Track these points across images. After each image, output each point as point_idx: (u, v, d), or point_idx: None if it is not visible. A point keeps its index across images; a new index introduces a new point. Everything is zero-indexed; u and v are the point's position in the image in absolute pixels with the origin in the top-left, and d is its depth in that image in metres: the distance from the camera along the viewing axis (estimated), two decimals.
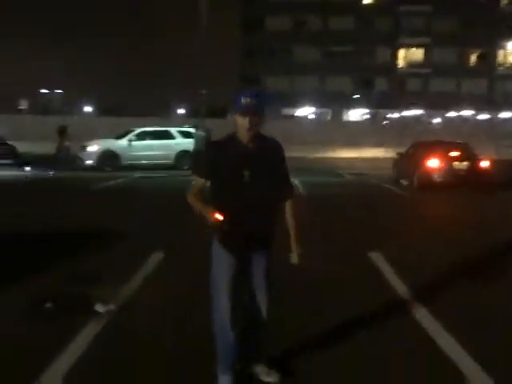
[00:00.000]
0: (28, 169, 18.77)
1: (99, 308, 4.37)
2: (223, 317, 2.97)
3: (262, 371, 3.23)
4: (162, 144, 19.69)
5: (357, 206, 11.19)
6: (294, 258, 3.18)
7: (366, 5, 50.68)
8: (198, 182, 3.00)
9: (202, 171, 3.00)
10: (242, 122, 2.86)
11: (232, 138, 2.96)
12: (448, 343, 3.77)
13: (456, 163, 13.49)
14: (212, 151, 3.03)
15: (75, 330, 3.92)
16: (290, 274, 5.38)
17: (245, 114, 2.85)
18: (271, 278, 3.16)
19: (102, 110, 72.02)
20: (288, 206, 3.20)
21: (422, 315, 4.33)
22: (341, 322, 4.21)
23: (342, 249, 6.89)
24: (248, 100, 2.86)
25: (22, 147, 24.93)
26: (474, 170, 13.43)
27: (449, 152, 13.87)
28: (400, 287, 5.11)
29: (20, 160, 21.05)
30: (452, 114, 51.12)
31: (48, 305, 4.46)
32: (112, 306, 4.42)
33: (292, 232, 3.18)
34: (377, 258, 6.25)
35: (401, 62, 52.59)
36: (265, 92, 3.67)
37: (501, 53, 51.39)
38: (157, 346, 3.74)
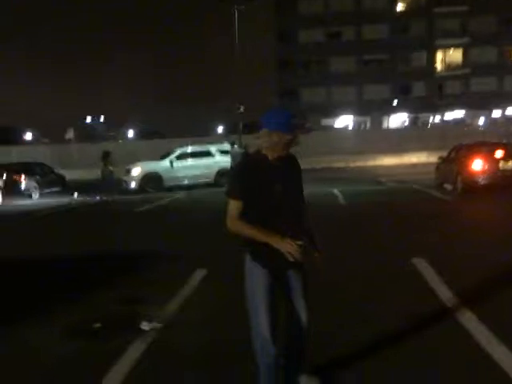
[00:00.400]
0: (75, 195, 19.45)
1: (145, 326, 4.50)
2: (264, 329, 2.92)
3: (303, 380, 3.23)
4: (202, 163, 20.03)
5: (398, 213, 11.01)
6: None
7: (399, 12, 50.21)
8: (234, 205, 2.92)
9: (238, 193, 2.92)
10: (281, 139, 2.88)
11: (259, 156, 2.98)
12: (495, 348, 3.69)
13: (501, 164, 13.08)
14: (242, 173, 3.01)
15: (122, 348, 4.05)
16: (338, 280, 5.42)
17: (290, 132, 2.90)
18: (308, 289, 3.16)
19: (144, 134, 73.89)
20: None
21: (467, 319, 4.24)
22: (388, 329, 4.18)
23: (386, 256, 6.81)
24: (295, 120, 2.98)
25: (69, 175, 25.97)
26: None
27: (492, 153, 13.47)
28: (444, 292, 5.02)
29: (68, 187, 21.91)
30: (496, 113, 49.63)
31: (97, 324, 4.64)
32: (157, 324, 4.54)
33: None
34: (420, 263, 6.16)
35: (438, 65, 51.61)
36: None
37: None
38: (201, 361, 3.82)
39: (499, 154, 13.37)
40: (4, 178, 19.03)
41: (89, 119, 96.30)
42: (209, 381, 3.52)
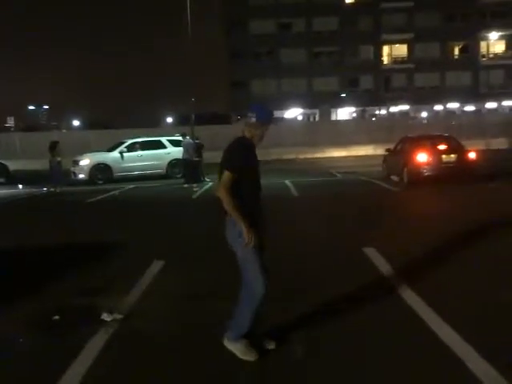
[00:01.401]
0: (20, 186, 18.82)
1: (106, 317, 4.51)
2: (259, 289, 3.51)
3: (265, 341, 3.79)
4: (153, 154, 19.83)
5: (348, 203, 11.38)
6: None
7: (348, 4, 51.09)
8: (231, 177, 3.44)
9: (236, 168, 3.46)
10: (263, 130, 3.65)
11: (249, 141, 3.64)
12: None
13: (444, 156, 13.72)
14: (247, 151, 3.59)
15: (84, 339, 4.05)
16: (291, 269, 5.60)
17: (268, 126, 3.68)
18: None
19: (90, 124, 71.99)
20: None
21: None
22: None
23: (338, 245, 7.06)
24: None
25: (13, 165, 25.00)
26: (461, 161, 13.68)
27: (436, 145, 14.12)
28: (393, 276, 5.29)
29: (12, 178, 21.13)
30: (438, 107, 51.61)
31: (55, 317, 4.60)
32: (118, 315, 4.55)
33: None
34: (371, 252, 6.43)
35: (385, 59, 53.01)
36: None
37: (483, 44, 51.91)
38: (165, 349, 3.89)
39: (442, 147, 14.02)
40: None
41: (31, 107, 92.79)
42: (172, 368, 3.59)
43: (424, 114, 48.72)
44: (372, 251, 6.48)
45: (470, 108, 51.15)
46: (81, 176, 19.10)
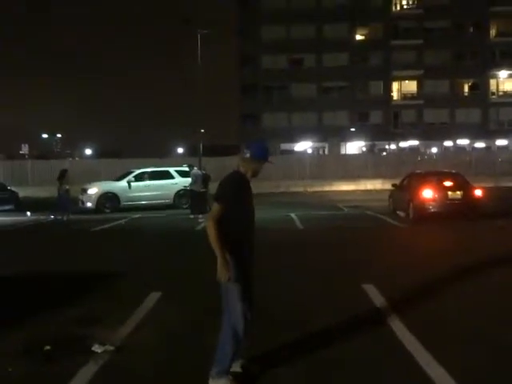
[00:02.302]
0: (28, 214, 18.99)
1: (97, 348, 4.49)
2: (239, 324, 3.57)
3: (246, 364, 3.89)
4: (160, 184, 19.98)
5: (352, 238, 11.32)
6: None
7: (358, 41, 52.00)
8: (220, 209, 3.56)
9: (225, 201, 3.57)
10: (259, 166, 3.78)
11: (242, 176, 3.76)
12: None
13: (450, 193, 13.68)
14: (235, 186, 3.68)
15: (73, 370, 4.03)
16: (287, 301, 5.56)
17: (264, 161, 3.81)
18: None
19: (102, 153, 72.96)
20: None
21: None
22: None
23: (337, 282, 7.01)
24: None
25: (23, 192, 25.31)
26: (467, 198, 13.62)
27: (442, 182, 14.09)
28: (386, 312, 5.22)
29: (21, 205, 21.33)
30: (448, 143, 51.67)
31: (47, 347, 4.58)
32: (110, 346, 4.53)
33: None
34: (369, 289, 6.37)
35: (394, 95, 53.50)
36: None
37: (493, 82, 52.29)
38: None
39: (448, 183, 13.99)
40: None
41: (45, 135, 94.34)
42: None
43: (434, 150, 48.79)
44: (371, 287, 6.42)
45: (480, 145, 51.16)
46: (88, 204, 19.23)
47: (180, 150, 74.34)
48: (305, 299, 6.14)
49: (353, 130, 51.30)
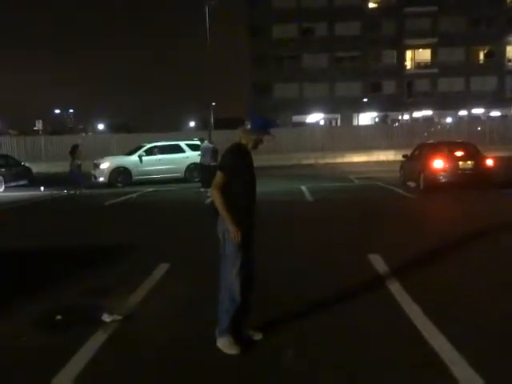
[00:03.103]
0: (42, 189, 19.25)
1: (106, 318, 4.63)
2: (236, 286, 3.79)
3: (251, 332, 4.05)
4: (171, 158, 20.07)
5: (361, 209, 11.34)
6: None
7: (371, 9, 50.92)
8: (223, 178, 3.76)
9: (227, 170, 3.78)
10: (258, 138, 3.90)
11: (243, 147, 3.92)
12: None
13: (461, 163, 13.57)
14: (235, 155, 3.86)
15: (83, 339, 4.18)
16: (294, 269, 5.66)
17: (263, 133, 3.92)
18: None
19: (114, 127, 73.12)
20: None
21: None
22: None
23: (344, 253, 7.07)
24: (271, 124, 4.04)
25: (37, 168, 25.60)
26: (478, 168, 13.51)
27: (453, 152, 13.97)
28: (393, 282, 5.29)
29: (35, 181, 21.63)
30: (463, 112, 50.89)
31: (58, 317, 4.74)
32: (118, 316, 4.67)
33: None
34: (375, 258, 6.43)
35: (408, 64, 52.55)
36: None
37: (509, 48, 51.05)
38: (161, 352, 3.98)
39: (459, 153, 13.87)
40: None
41: (57, 111, 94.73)
42: (166, 370, 3.67)
43: (448, 120, 48.12)
44: (376, 257, 6.48)
45: (495, 113, 50.27)
46: (101, 179, 19.43)
47: (192, 124, 74.26)
48: (311, 268, 6.23)
49: (365, 100, 50.68)
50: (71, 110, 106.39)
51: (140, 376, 3.59)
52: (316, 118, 52.55)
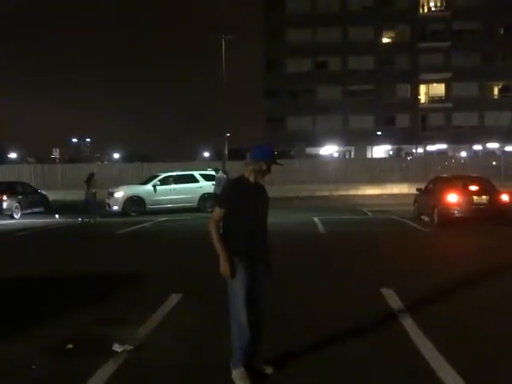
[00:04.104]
0: (57, 217, 19.46)
1: (117, 348, 4.62)
2: (243, 318, 3.77)
3: (263, 366, 4.02)
4: (185, 188, 20.23)
5: (374, 243, 11.28)
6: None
7: (384, 44, 51.62)
8: (219, 212, 3.81)
9: (223, 204, 3.82)
10: (263, 168, 3.85)
11: (242, 180, 3.91)
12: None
13: (475, 197, 13.48)
14: (230, 189, 3.95)
15: (94, 368, 4.17)
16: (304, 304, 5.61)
17: (269, 164, 3.87)
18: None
19: (130, 157, 74.06)
20: None
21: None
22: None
23: (356, 286, 7.01)
24: (276, 154, 4.00)
25: (53, 195, 25.92)
26: (493, 203, 13.40)
27: (467, 186, 13.90)
28: (402, 316, 5.22)
29: (51, 208, 21.87)
30: (477, 147, 50.75)
31: (69, 345, 4.75)
32: (129, 346, 4.66)
33: None
34: (388, 293, 6.37)
35: (422, 98, 52.84)
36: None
37: None
38: (170, 382, 3.96)
39: (474, 188, 13.79)
40: None
41: (75, 140, 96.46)
42: None
43: (463, 154, 47.98)
44: (390, 292, 6.41)
45: (510, 148, 50.04)
46: (115, 208, 19.60)
47: (206, 154, 74.96)
48: (323, 302, 6.18)
49: (379, 133, 50.85)
50: (88, 139, 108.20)
51: None
52: (330, 150, 52.76)
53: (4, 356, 4.61)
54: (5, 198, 19.44)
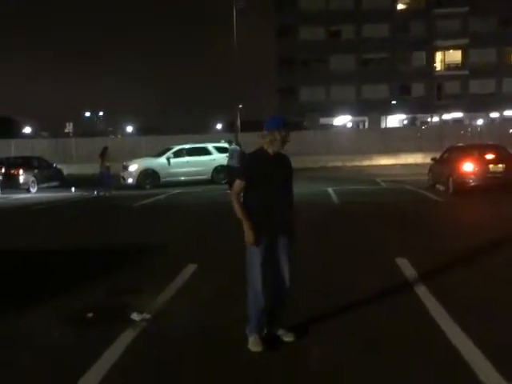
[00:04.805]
0: (73, 190, 19.68)
1: (135, 317, 4.73)
2: (257, 286, 3.87)
3: (282, 333, 4.08)
4: (199, 160, 20.28)
5: (388, 213, 11.26)
6: None
7: (399, 11, 50.42)
8: (239, 184, 3.89)
9: (243, 176, 3.89)
10: (277, 137, 3.87)
11: (261, 152, 3.96)
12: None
13: (491, 166, 13.33)
14: (249, 161, 4.03)
15: (113, 336, 4.28)
16: (320, 273, 5.67)
17: (284, 132, 3.89)
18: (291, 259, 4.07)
19: (143, 130, 74.13)
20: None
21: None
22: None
23: (370, 256, 7.04)
24: (287, 121, 4.01)
25: (67, 169, 26.17)
26: (510, 171, 13.23)
27: (483, 155, 13.73)
28: (416, 285, 5.25)
29: (66, 182, 22.11)
30: (494, 114, 49.86)
31: (89, 314, 4.87)
32: (147, 315, 4.77)
33: None
34: (402, 262, 6.39)
35: (438, 65, 51.78)
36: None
37: None
38: (189, 348, 4.06)
39: (489, 156, 13.62)
40: (2, 171, 19.22)
41: (88, 114, 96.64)
42: (194, 365, 3.75)
43: (479, 122, 47.21)
44: (404, 262, 6.43)
45: None
46: (129, 181, 19.74)
47: (219, 126, 74.74)
48: (338, 272, 6.23)
49: (393, 103, 50.14)
50: (101, 113, 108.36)
51: (169, 373, 3.67)
52: (343, 120, 52.26)
53: (25, 325, 4.75)
54: (21, 172, 19.70)
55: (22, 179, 19.63)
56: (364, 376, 3.50)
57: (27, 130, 75.81)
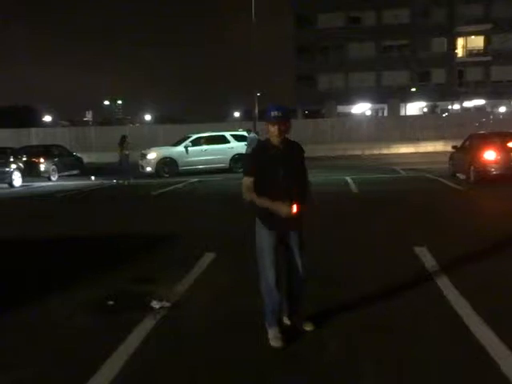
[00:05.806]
0: (93, 178, 19.90)
1: (155, 305, 4.79)
2: (270, 279, 3.82)
3: (301, 322, 4.06)
4: (217, 148, 20.30)
5: (407, 201, 11.15)
6: None
7: None
8: (248, 181, 3.79)
9: (249, 172, 3.81)
10: (272, 130, 3.75)
11: (266, 143, 3.87)
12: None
13: None
14: (252, 156, 3.97)
15: (133, 324, 4.34)
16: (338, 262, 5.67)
17: (274, 124, 3.73)
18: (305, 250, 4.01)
19: (161, 118, 74.42)
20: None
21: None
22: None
23: (389, 244, 7.00)
24: (276, 112, 3.74)
25: (87, 158, 26.45)
26: None
27: (506, 143, 13.47)
28: (440, 276, 5.20)
29: (86, 170, 22.37)
30: None
31: (110, 302, 4.94)
32: (166, 303, 4.82)
33: None
34: (421, 251, 6.34)
35: (459, 52, 50.80)
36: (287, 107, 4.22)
37: None
38: (205, 337, 4.10)
39: None
40: (24, 159, 19.51)
41: (107, 102, 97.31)
42: (213, 352, 3.78)
43: (502, 110, 46.32)
44: (423, 250, 6.38)
45: None
46: (148, 169, 19.88)
47: (237, 114, 74.66)
48: (357, 261, 6.21)
49: (413, 90, 49.42)
50: (120, 102, 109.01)
51: (188, 361, 3.71)
52: (362, 108, 51.72)
53: (48, 311, 4.85)
54: (42, 160, 19.97)
55: (42, 167, 19.90)
56: (382, 368, 3.50)
57: (47, 118, 76.70)
